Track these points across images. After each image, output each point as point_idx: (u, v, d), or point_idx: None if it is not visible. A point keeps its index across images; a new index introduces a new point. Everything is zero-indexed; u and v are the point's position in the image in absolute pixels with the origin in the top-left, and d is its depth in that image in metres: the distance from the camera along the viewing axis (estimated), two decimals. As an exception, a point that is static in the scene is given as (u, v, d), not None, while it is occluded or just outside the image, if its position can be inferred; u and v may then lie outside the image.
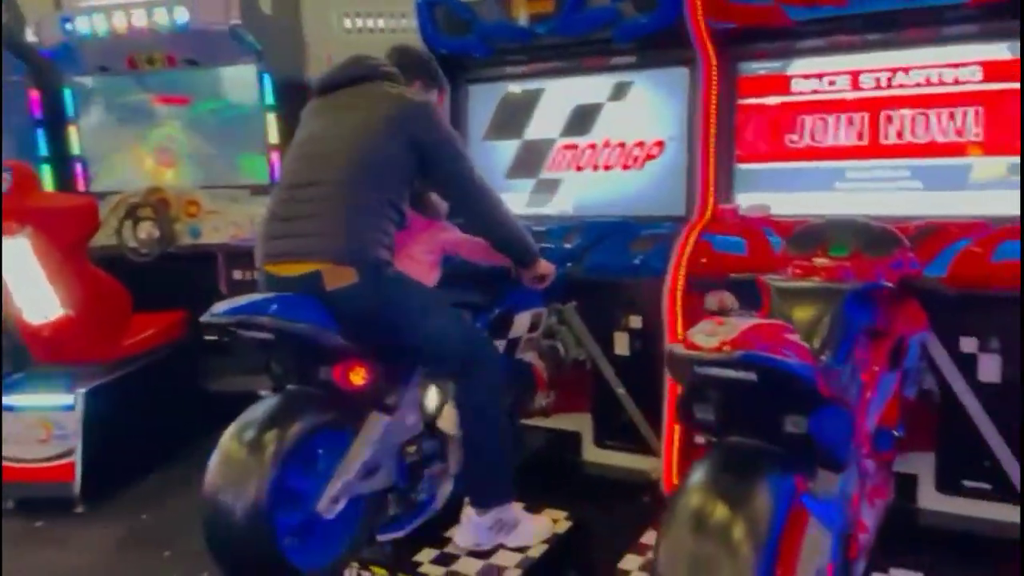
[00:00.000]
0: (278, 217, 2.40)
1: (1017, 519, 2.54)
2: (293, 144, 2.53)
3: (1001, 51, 2.71)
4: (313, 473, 2.31)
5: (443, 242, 2.64)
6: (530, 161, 3.61)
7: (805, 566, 1.76)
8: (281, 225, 2.38)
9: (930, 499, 2.74)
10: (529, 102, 3.64)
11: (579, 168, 3.51)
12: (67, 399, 3.37)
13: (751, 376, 1.61)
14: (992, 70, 2.73)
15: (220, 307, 2.19)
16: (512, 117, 3.66)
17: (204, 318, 2.21)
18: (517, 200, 3.45)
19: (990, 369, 2.58)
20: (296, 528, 2.26)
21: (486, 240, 2.63)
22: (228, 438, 2.22)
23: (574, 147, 3.52)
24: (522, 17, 3.35)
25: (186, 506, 3.36)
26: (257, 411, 2.27)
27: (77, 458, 3.34)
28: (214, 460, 2.21)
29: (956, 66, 2.80)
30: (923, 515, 2.73)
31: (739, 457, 1.75)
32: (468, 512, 2.58)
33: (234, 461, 2.17)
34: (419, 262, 2.53)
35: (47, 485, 3.35)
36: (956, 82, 2.80)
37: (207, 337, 4.30)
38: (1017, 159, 2.68)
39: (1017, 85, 2.68)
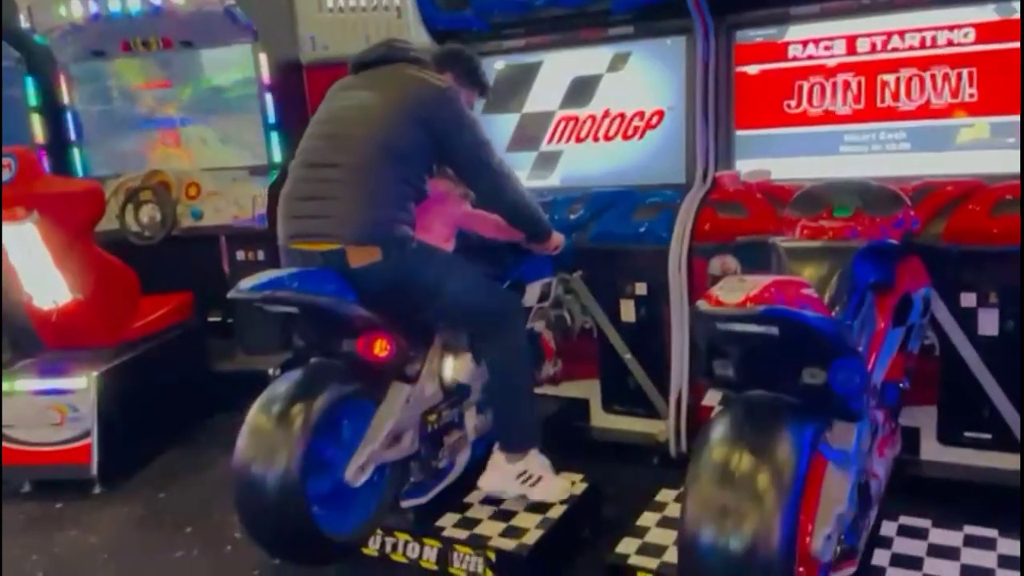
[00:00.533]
0: (299, 196, 2.43)
1: (1016, 466, 2.64)
2: (313, 120, 2.55)
3: (993, 12, 2.76)
4: (339, 443, 2.36)
5: (457, 216, 2.69)
6: (530, 134, 3.65)
7: (825, 511, 1.84)
8: (303, 204, 2.41)
9: (933, 451, 2.83)
10: (527, 75, 3.67)
11: (579, 139, 3.55)
12: (81, 382, 3.40)
13: (773, 330, 1.67)
14: (984, 32, 2.79)
15: (246, 283, 2.22)
16: (511, 91, 3.69)
17: (231, 294, 2.24)
18: (518, 174, 3.49)
19: (989, 323, 2.66)
20: (325, 496, 2.32)
21: (502, 218, 2.68)
22: (256, 411, 2.26)
23: (574, 119, 3.56)
24: (516, -13, 3.38)
25: (202, 483, 3.45)
26: (283, 384, 2.31)
27: (93, 440, 3.37)
28: (244, 433, 2.25)
29: (949, 28, 2.85)
30: (927, 466, 2.81)
31: (760, 409, 1.81)
32: (498, 459, 2.66)
33: (264, 433, 2.21)
34: (435, 234, 2.57)
35: (64, 467, 3.39)
36: (949, 44, 2.86)
37: (211, 319, 4.36)
38: (1002, 119, 2.75)
39: (1009, 46, 2.74)
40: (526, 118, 3.67)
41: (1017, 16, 2.72)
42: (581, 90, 3.55)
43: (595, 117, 3.52)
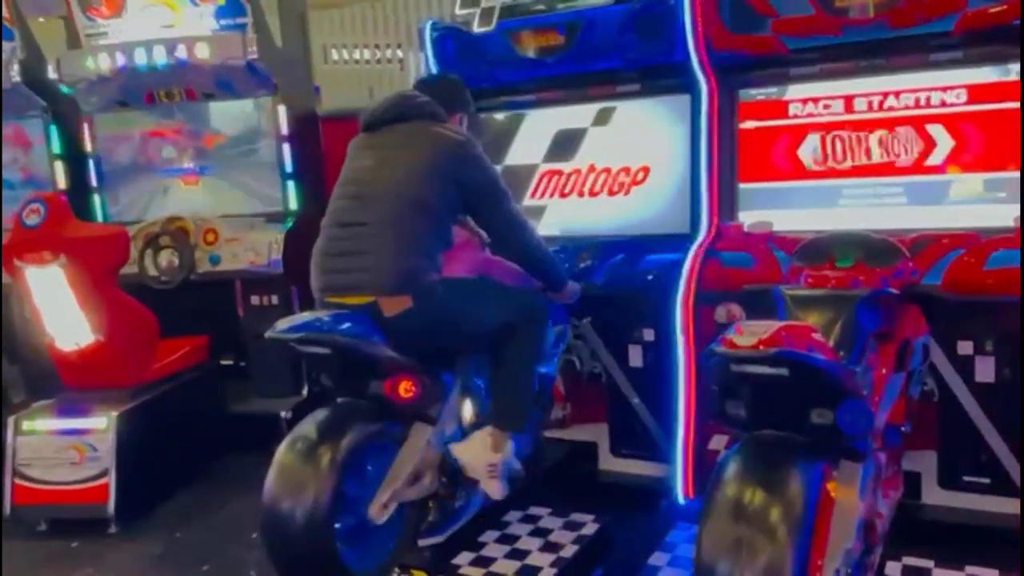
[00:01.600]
0: (332, 252, 2.56)
1: (1014, 510, 2.72)
2: (340, 181, 2.67)
3: (984, 74, 2.92)
4: (363, 481, 2.45)
5: (478, 261, 2.81)
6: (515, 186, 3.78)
7: (834, 548, 1.93)
8: (336, 260, 2.53)
9: (934, 495, 2.90)
10: (511, 128, 3.82)
11: (563, 195, 3.70)
12: (100, 422, 3.47)
13: (783, 371, 1.78)
14: (975, 93, 2.94)
15: (282, 324, 2.33)
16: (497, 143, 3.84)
17: (268, 334, 2.35)
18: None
19: (985, 370, 2.76)
20: (348, 533, 2.40)
21: (519, 266, 2.80)
22: (285, 449, 2.35)
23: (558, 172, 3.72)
24: (531, 50, 3.54)
25: (217, 522, 3.51)
26: (310, 423, 2.40)
27: (111, 479, 3.43)
28: (272, 471, 2.33)
29: (942, 89, 3.01)
30: (928, 510, 2.87)
31: (771, 447, 1.91)
32: (485, 439, 2.68)
33: (292, 471, 2.30)
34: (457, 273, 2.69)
35: (81, 507, 3.45)
36: (942, 104, 3.01)
37: (223, 362, 4.45)
38: (994, 175, 2.88)
39: (999, 106, 2.89)
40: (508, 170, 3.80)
41: (1006, 79, 2.87)
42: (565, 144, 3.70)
43: (580, 171, 3.67)
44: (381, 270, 2.43)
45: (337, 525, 2.33)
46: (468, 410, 2.73)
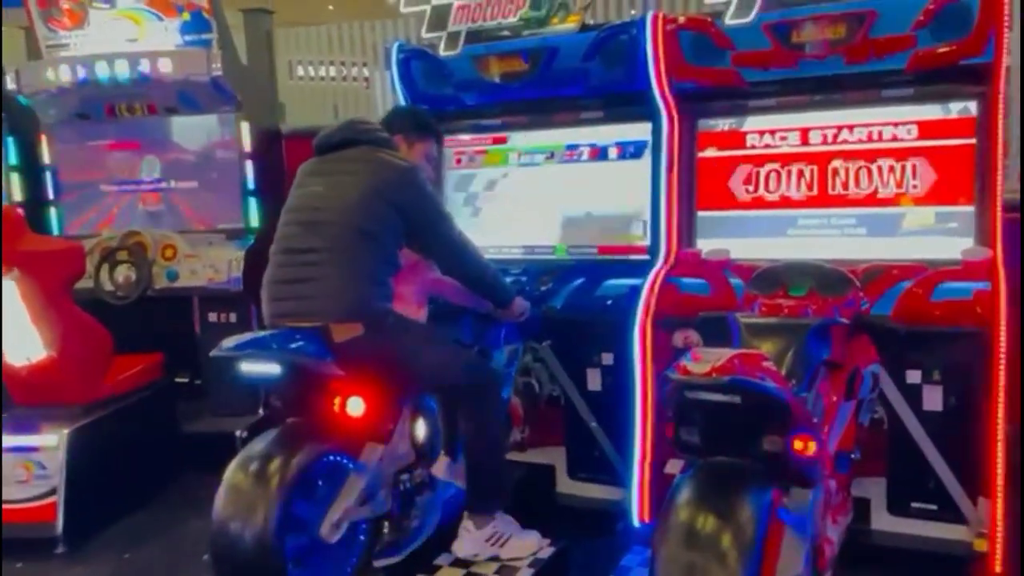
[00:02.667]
0: (281, 280, 2.58)
1: (960, 537, 2.78)
2: (287, 208, 2.70)
3: (934, 111, 3.01)
4: (315, 500, 2.43)
5: (429, 282, 2.82)
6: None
7: (783, 573, 1.96)
8: (285, 287, 2.55)
9: (883, 521, 2.94)
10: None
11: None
12: (51, 440, 3.41)
13: (736, 399, 1.81)
14: (926, 129, 3.03)
15: (229, 342, 2.32)
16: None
17: (214, 352, 2.33)
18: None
19: (933, 399, 2.82)
20: (300, 553, 2.37)
21: (464, 286, 2.82)
22: (234, 469, 2.33)
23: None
24: (496, 75, 3.58)
25: (167, 544, 3.45)
26: (260, 443, 2.39)
27: (59, 498, 3.36)
28: (221, 491, 2.31)
29: (894, 124, 3.10)
30: (877, 535, 2.92)
31: (724, 473, 1.94)
32: (467, 524, 2.74)
33: (241, 491, 2.28)
34: (409, 302, 2.70)
35: (28, 526, 3.36)
36: (894, 139, 3.09)
37: (178, 379, 4.39)
38: (944, 208, 2.96)
39: (949, 142, 2.98)
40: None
41: (958, 115, 2.96)
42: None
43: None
44: (330, 297, 2.46)
45: (290, 545, 2.31)
46: (421, 429, 2.73)
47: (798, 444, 1.93)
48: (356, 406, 2.48)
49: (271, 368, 2.38)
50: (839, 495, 2.48)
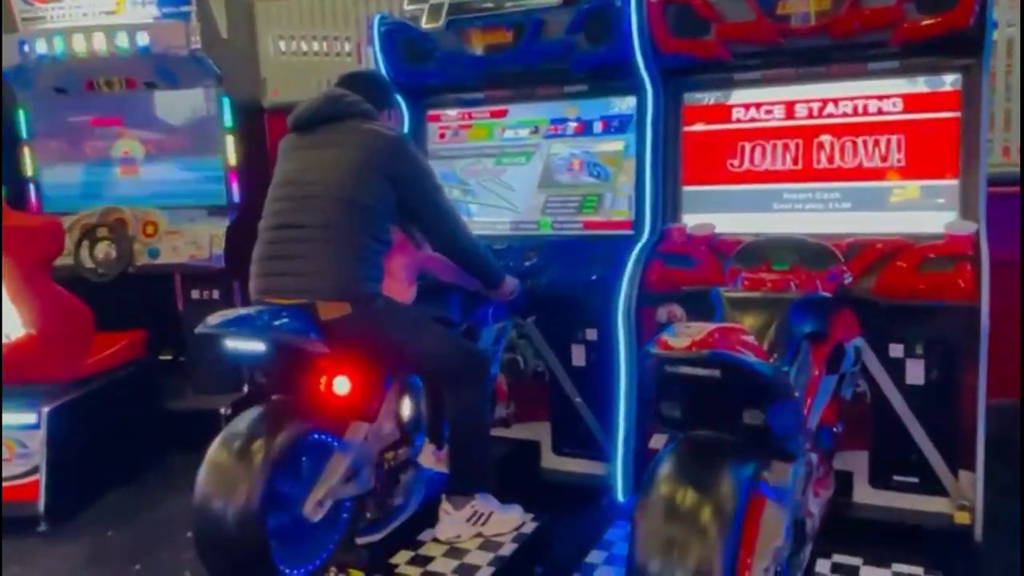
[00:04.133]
0: (269, 256, 2.54)
1: (940, 509, 2.81)
2: (274, 183, 2.65)
3: (920, 84, 2.99)
4: (299, 479, 2.42)
5: (418, 259, 2.79)
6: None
7: (763, 546, 1.96)
8: (273, 264, 2.51)
9: (865, 494, 2.97)
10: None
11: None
12: (31, 418, 3.38)
13: (716, 373, 1.81)
14: (911, 102, 3.01)
15: (213, 319, 2.29)
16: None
17: (199, 329, 2.31)
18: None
19: (916, 373, 2.84)
20: (283, 531, 2.37)
21: (456, 265, 2.80)
22: (218, 446, 2.31)
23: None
24: (479, 48, 3.53)
25: (151, 521, 3.44)
26: (244, 421, 2.37)
27: (42, 476, 3.35)
28: (203, 469, 2.30)
29: (880, 98, 3.08)
30: (859, 508, 2.93)
31: (704, 448, 1.94)
32: (446, 507, 2.73)
33: (224, 469, 2.27)
34: (398, 279, 2.67)
35: (10, 504, 3.34)
36: (879, 112, 3.08)
37: (163, 357, 4.37)
38: (929, 182, 2.96)
39: (933, 115, 2.97)
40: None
41: (939, 89, 2.95)
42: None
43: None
44: (319, 274, 2.42)
45: (272, 523, 2.30)
46: (406, 407, 2.72)
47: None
48: (342, 384, 2.46)
49: (256, 345, 2.35)
50: (821, 468, 2.49)
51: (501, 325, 3.20)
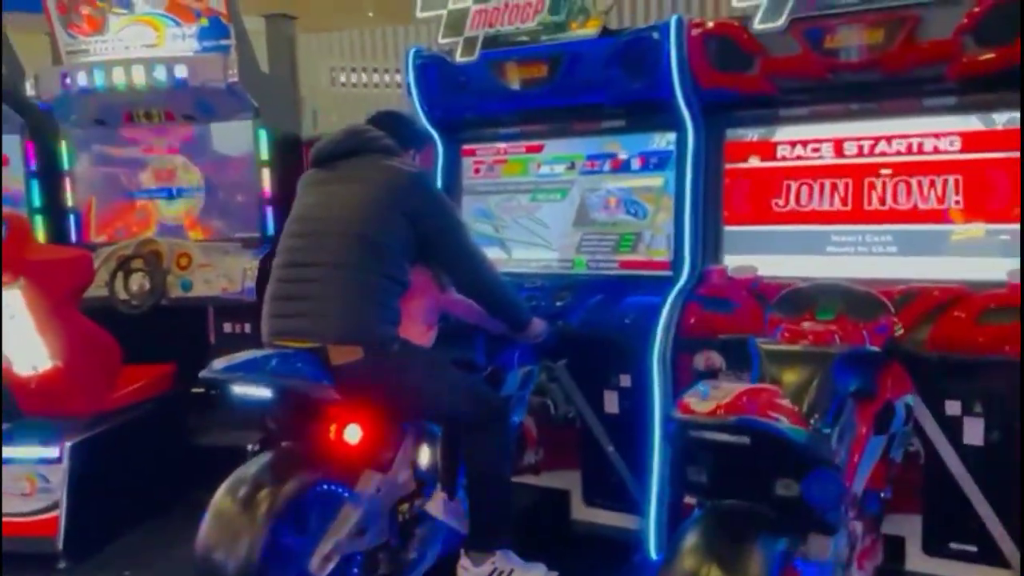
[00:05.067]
0: (282, 296, 2.46)
1: (1002, 583, 2.58)
2: (290, 219, 2.58)
3: (978, 122, 2.80)
4: (305, 531, 2.31)
5: (441, 302, 2.69)
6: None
7: (798, 629, 1.79)
8: (285, 305, 2.43)
9: (918, 562, 2.76)
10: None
11: None
12: (53, 452, 3.35)
13: (744, 440, 1.65)
14: (970, 140, 2.82)
15: (219, 363, 2.21)
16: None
17: (203, 374, 2.23)
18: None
19: (974, 432, 2.62)
20: (287, 588, 2.26)
21: (480, 305, 2.68)
22: (222, 495, 2.22)
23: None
24: (515, 82, 3.44)
25: (169, 560, 3.35)
26: (251, 468, 2.28)
27: (61, 512, 3.30)
28: (207, 517, 2.21)
29: (936, 136, 2.89)
30: (911, 578, 2.75)
31: (732, 519, 1.78)
32: (465, 563, 2.59)
33: (227, 518, 2.18)
34: (417, 321, 2.57)
35: (29, 540, 3.31)
36: (935, 151, 2.89)
37: (194, 390, 4.32)
38: (989, 226, 2.76)
39: (994, 155, 2.77)
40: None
41: (999, 127, 2.76)
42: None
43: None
44: (330, 316, 2.32)
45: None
46: (424, 457, 2.60)
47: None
48: (353, 433, 2.36)
49: (263, 391, 2.26)
50: (867, 538, 2.30)
51: (528, 369, 3.06)
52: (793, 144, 3.14)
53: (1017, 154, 2.71)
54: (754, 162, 3.19)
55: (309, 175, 2.62)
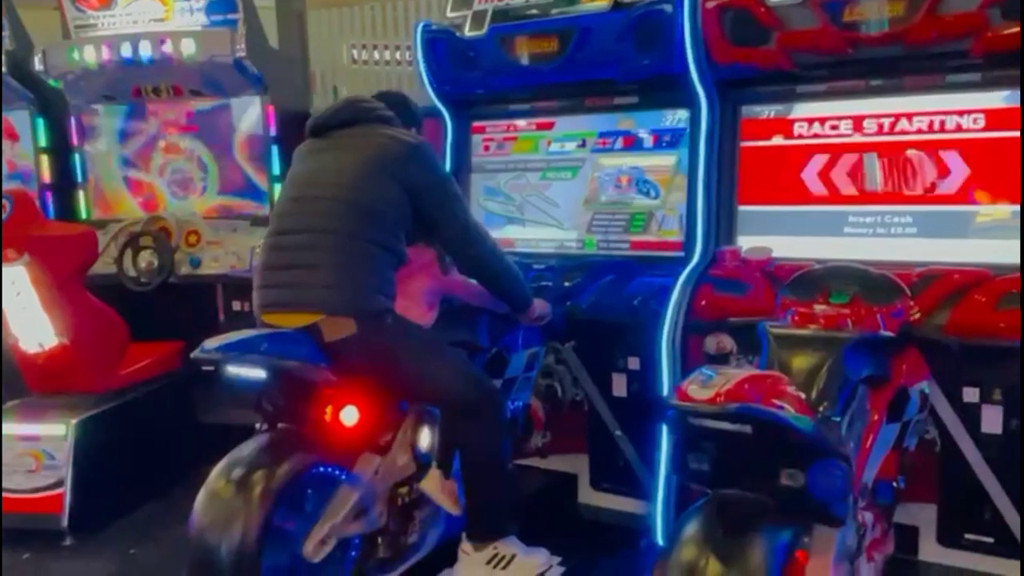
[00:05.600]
0: (272, 265, 2.39)
1: (1017, 574, 2.50)
2: (283, 187, 2.53)
3: (1004, 99, 2.69)
4: (302, 514, 2.27)
5: (442, 282, 2.63)
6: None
7: (801, 624, 1.72)
8: (275, 274, 2.36)
9: (932, 552, 2.69)
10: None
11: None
12: (59, 429, 3.33)
13: (746, 429, 1.58)
14: (994, 118, 2.71)
15: (212, 343, 2.17)
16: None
17: (195, 354, 2.19)
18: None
19: (992, 420, 2.54)
20: (282, 571, 2.22)
21: (479, 283, 2.61)
22: (216, 476, 2.19)
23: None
24: (524, 57, 3.36)
25: (175, 540, 3.30)
26: (246, 449, 2.25)
27: (67, 489, 3.29)
28: (201, 498, 2.18)
29: (959, 113, 2.78)
30: (924, 568, 2.67)
31: (734, 511, 1.71)
32: (465, 547, 2.53)
33: (221, 500, 2.14)
34: (417, 302, 2.51)
35: (35, 516, 3.30)
36: (959, 129, 2.78)
37: (205, 368, 4.29)
38: (1015, 207, 2.66)
39: (1019, 134, 2.66)
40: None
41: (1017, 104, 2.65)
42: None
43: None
44: (321, 285, 2.25)
45: (270, 562, 2.15)
46: (424, 439, 2.54)
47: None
48: (350, 414, 2.31)
49: (257, 372, 2.22)
50: (878, 528, 2.22)
51: (534, 351, 3.00)
52: (811, 121, 3.04)
53: (1042, 132, 2.60)
54: (771, 140, 3.10)
55: (304, 145, 2.56)
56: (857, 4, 2.72)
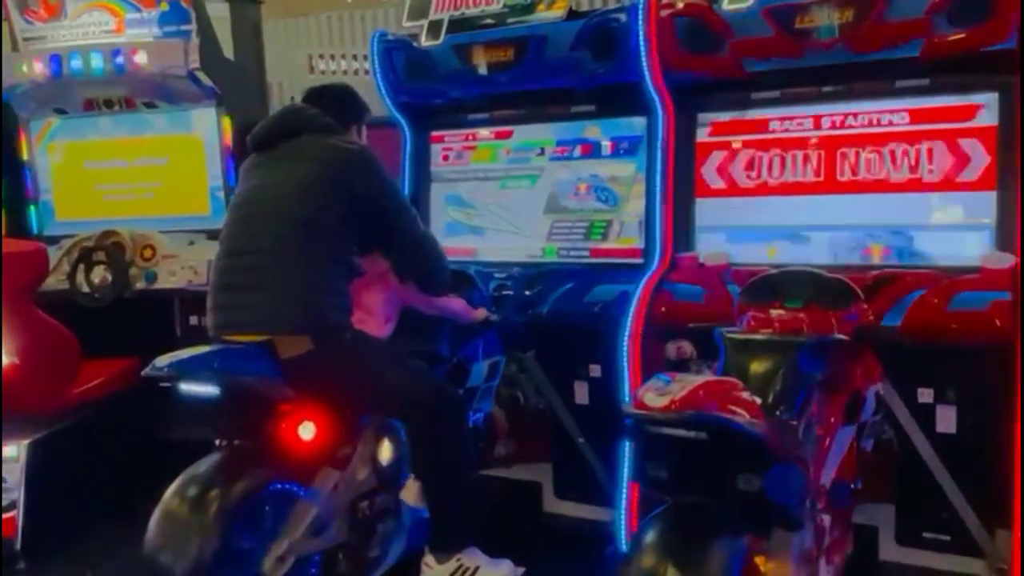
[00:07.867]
0: (223, 287, 2.36)
1: (975, 571, 2.54)
2: (230, 206, 2.50)
3: (952, 103, 2.74)
4: (259, 532, 2.24)
5: (399, 292, 2.61)
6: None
7: (761, 629, 1.73)
8: (227, 295, 2.33)
9: (891, 552, 2.72)
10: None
11: None
12: (11, 451, 3.25)
13: (702, 435, 1.59)
14: (943, 120, 2.75)
15: (163, 360, 2.13)
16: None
17: (146, 371, 2.15)
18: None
19: (947, 420, 2.58)
20: (240, 590, 2.18)
21: (423, 292, 2.60)
22: (170, 496, 2.16)
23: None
24: (482, 66, 3.35)
25: (133, 560, 3.23)
26: (201, 467, 2.21)
27: (19, 512, 3.21)
28: (156, 518, 2.15)
29: (910, 117, 2.82)
30: (883, 568, 2.70)
31: (691, 517, 1.72)
32: (428, 560, 2.51)
33: (176, 520, 2.11)
34: (374, 313, 2.49)
35: (-13, 541, 3.22)
36: (909, 133, 2.82)
37: (161, 384, 4.22)
38: (965, 211, 2.71)
39: (971, 139, 2.71)
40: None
41: (979, 110, 2.70)
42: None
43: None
44: (274, 305, 2.23)
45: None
46: (385, 452, 2.52)
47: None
48: (307, 429, 2.28)
49: (210, 389, 2.18)
50: (836, 530, 2.24)
51: (495, 360, 3.00)
52: (766, 128, 3.06)
53: (992, 137, 2.65)
54: (726, 148, 3.12)
55: (248, 161, 2.53)
56: (808, 11, 2.76)
